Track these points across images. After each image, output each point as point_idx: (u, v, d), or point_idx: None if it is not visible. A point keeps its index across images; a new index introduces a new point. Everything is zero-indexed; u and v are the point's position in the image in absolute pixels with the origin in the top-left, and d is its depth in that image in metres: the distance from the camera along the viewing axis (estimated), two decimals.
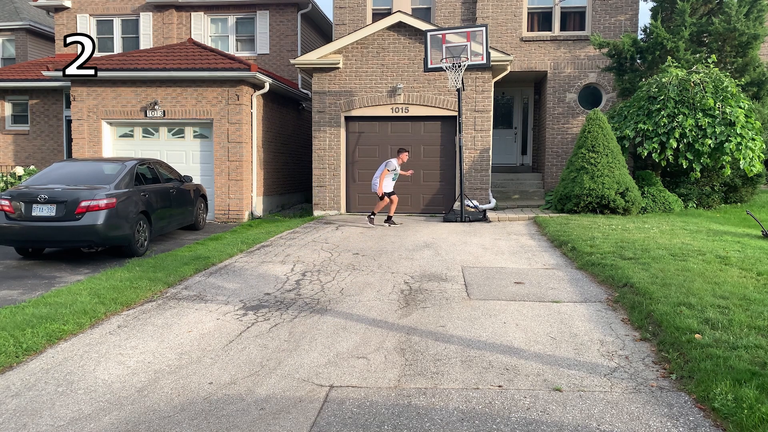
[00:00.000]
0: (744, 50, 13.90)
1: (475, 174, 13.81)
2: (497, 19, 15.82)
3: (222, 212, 13.78)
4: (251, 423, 3.46)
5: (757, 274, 6.48)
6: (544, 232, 10.43)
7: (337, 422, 3.45)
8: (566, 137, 15.92)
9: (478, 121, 13.75)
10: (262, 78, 13.68)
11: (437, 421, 3.45)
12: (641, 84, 13.79)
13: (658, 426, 3.37)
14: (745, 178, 13.98)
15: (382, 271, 7.49)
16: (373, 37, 13.90)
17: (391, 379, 4.07)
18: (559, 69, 15.84)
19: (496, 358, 4.46)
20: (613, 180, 12.15)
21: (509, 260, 8.13)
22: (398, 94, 13.79)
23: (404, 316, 5.55)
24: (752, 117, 12.73)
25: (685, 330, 4.61)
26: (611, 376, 4.09)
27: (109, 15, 18.84)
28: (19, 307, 5.79)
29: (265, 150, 15.03)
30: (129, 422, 3.50)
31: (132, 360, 4.51)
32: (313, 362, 4.41)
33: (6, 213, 8.53)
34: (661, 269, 6.70)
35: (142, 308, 5.96)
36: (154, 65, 13.72)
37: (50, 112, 16.97)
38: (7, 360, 4.43)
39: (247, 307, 5.92)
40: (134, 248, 9.04)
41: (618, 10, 15.60)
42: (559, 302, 5.96)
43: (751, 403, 3.38)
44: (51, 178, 9.20)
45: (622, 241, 8.64)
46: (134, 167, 9.62)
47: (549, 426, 3.38)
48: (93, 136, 14.05)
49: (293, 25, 18.07)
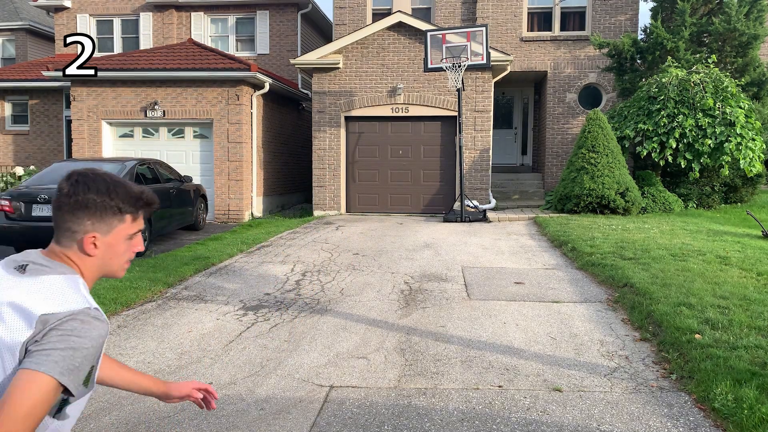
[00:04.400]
0: (744, 50, 13.91)
1: (475, 174, 13.81)
2: (497, 19, 15.82)
3: (222, 212, 13.78)
4: (251, 423, 3.46)
5: (758, 275, 6.48)
6: (544, 232, 10.43)
7: (337, 422, 3.45)
8: (566, 137, 15.92)
9: (478, 121, 13.75)
10: (262, 78, 13.67)
11: (437, 422, 3.45)
12: (641, 84, 13.79)
13: (658, 426, 3.37)
14: (745, 178, 13.98)
15: (382, 271, 7.49)
16: (373, 37, 13.90)
17: (391, 380, 4.07)
18: (559, 69, 15.84)
19: (496, 358, 4.46)
20: (613, 180, 12.15)
21: (509, 260, 8.13)
22: (398, 94, 13.79)
23: (404, 316, 5.55)
24: (752, 117, 12.73)
25: (686, 330, 4.60)
26: (611, 376, 4.09)
27: (109, 15, 18.84)
28: None
29: (265, 150, 15.03)
30: (129, 422, 3.50)
31: (132, 360, 4.51)
32: (313, 362, 4.41)
33: (6, 213, 8.53)
34: (661, 269, 6.70)
35: (142, 308, 5.96)
36: (154, 65, 13.72)
37: (50, 112, 16.97)
38: None
39: (247, 308, 5.92)
40: None
41: (618, 10, 15.60)
42: (559, 302, 5.96)
43: (752, 403, 3.38)
44: (51, 178, 9.20)
45: (622, 241, 8.63)
46: (134, 167, 9.61)
47: (549, 426, 3.38)
48: (93, 136, 14.05)
49: (293, 25, 18.07)
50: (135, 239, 1.61)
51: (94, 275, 1.57)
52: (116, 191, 1.53)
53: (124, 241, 1.57)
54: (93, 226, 1.51)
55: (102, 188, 1.51)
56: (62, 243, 1.52)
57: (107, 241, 1.54)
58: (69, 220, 1.50)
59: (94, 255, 1.53)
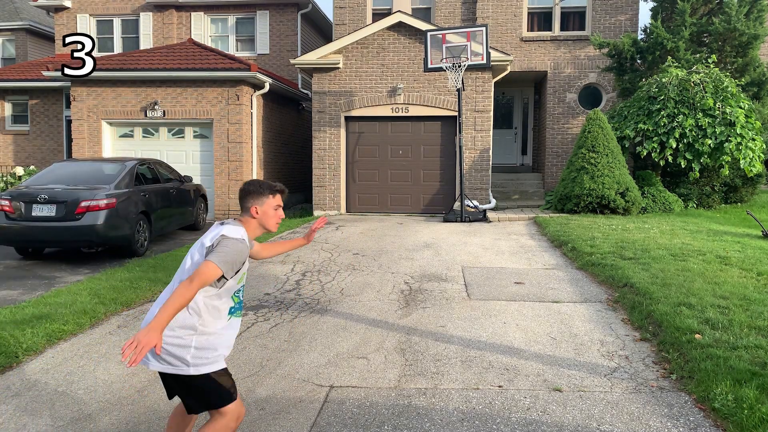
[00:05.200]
0: (744, 50, 13.90)
1: (475, 174, 13.81)
2: (497, 19, 15.82)
3: (222, 212, 13.78)
4: (251, 423, 3.46)
5: (758, 274, 6.48)
6: (544, 232, 10.43)
7: (337, 422, 3.45)
8: (566, 137, 15.91)
9: (478, 121, 13.75)
10: (262, 78, 13.68)
11: (437, 422, 3.45)
12: (641, 84, 13.79)
13: (658, 426, 3.37)
14: (745, 178, 13.98)
15: (382, 271, 7.49)
16: (373, 37, 13.90)
17: (391, 380, 4.07)
18: (559, 69, 15.84)
19: (496, 358, 4.46)
20: (613, 180, 12.15)
21: (509, 260, 8.13)
22: (398, 94, 13.79)
23: (404, 316, 5.55)
24: (752, 117, 12.72)
25: (686, 330, 4.61)
26: (611, 376, 4.09)
27: (109, 15, 18.84)
28: (19, 307, 5.79)
29: (265, 150, 15.03)
30: (129, 422, 3.50)
31: None
32: (313, 362, 4.41)
33: (6, 213, 8.53)
34: (661, 269, 6.70)
35: (142, 308, 5.96)
36: (155, 65, 13.72)
37: (50, 112, 16.97)
38: (7, 360, 4.43)
39: (247, 308, 5.92)
40: (134, 248, 9.04)
41: (618, 10, 15.60)
42: (560, 302, 5.96)
43: (752, 403, 3.38)
44: (51, 178, 9.19)
45: (622, 241, 8.63)
46: (134, 167, 9.61)
47: (549, 426, 3.38)
48: (93, 136, 14.05)
49: (293, 25, 18.07)
50: (279, 210, 2.86)
51: (256, 229, 2.83)
52: (262, 184, 2.85)
53: (272, 210, 2.83)
54: (255, 201, 2.80)
55: (256, 184, 2.85)
56: (242, 212, 2.84)
57: (263, 210, 2.81)
58: (244, 201, 2.83)
59: (256, 218, 2.81)
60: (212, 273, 2.49)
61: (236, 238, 2.63)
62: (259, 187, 2.82)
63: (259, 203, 2.80)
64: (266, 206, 2.81)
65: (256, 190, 2.82)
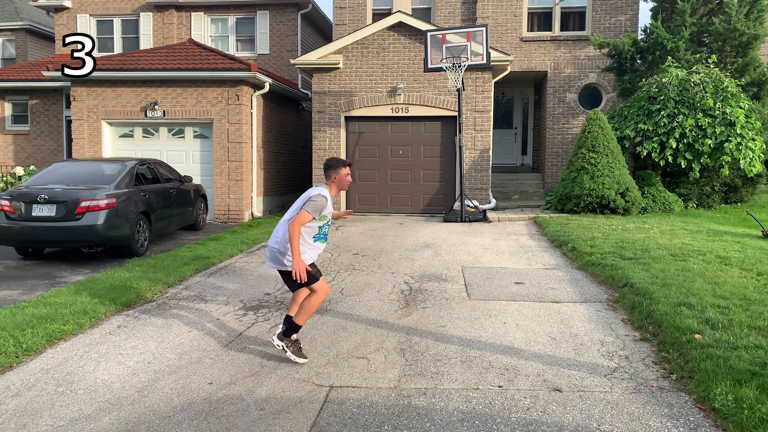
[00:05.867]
0: (744, 50, 13.90)
1: (475, 174, 13.81)
2: (497, 19, 15.82)
3: (222, 212, 13.78)
4: (251, 423, 3.46)
5: (758, 275, 6.48)
6: (544, 232, 10.43)
7: (337, 422, 3.45)
8: (566, 137, 15.92)
9: (478, 121, 13.75)
10: (262, 78, 13.67)
11: (437, 422, 3.45)
12: (641, 84, 13.79)
13: (658, 426, 3.37)
14: (745, 178, 13.98)
15: (382, 271, 7.49)
16: (373, 37, 13.90)
17: (391, 380, 4.07)
18: (559, 69, 15.84)
19: (496, 358, 4.46)
20: (613, 180, 12.15)
21: (509, 260, 8.13)
22: (398, 94, 13.79)
23: (404, 316, 5.56)
24: (752, 117, 12.73)
25: (686, 330, 4.61)
26: (611, 376, 4.09)
27: (109, 15, 18.84)
28: (19, 307, 5.79)
29: (265, 150, 15.03)
30: (129, 422, 3.50)
31: (132, 360, 4.51)
32: (313, 362, 4.41)
33: (6, 213, 8.52)
34: (661, 269, 6.70)
35: (142, 308, 5.96)
36: (155, 65, 13.72)
37: (50, 112, 16.97)
38: (7, 360, 4.43)
39: (247, 308, 5.92)
40: (134, 248, 9.04)
41: (618, 10, 15.60)
42: (559, 302, 5.96)
43: (752, 403, 3.38)
44: (51, 178, 9.19)
45: (622, 241, 8.63)
46: (134, 167, 9.61)
47: (549, 426, 3.38)
48: (93, 136, 14.04)
49: (293, 25, 18.07)
50: (348, 177, 4.43)
51: (336, 189, 4.43)
52: (338, 160, 4.42)
53: (345, 176, 4.41)
54: (334, 171, 4.40)
55: (334, 160, 4.43)
56: (326, 179, 4.43)
57: (339, 176, 4.40)
58: (327, 171, 4.41)
59: (336, 181, 4.40)
60: (305, 217, 4.15)
61: (320, 195, 4.24)
62: (336, 162, 4.40)
63: (336, 172, 4.38)
64: (341, 173, 4.39)
65: (335, 164, 4.39)
